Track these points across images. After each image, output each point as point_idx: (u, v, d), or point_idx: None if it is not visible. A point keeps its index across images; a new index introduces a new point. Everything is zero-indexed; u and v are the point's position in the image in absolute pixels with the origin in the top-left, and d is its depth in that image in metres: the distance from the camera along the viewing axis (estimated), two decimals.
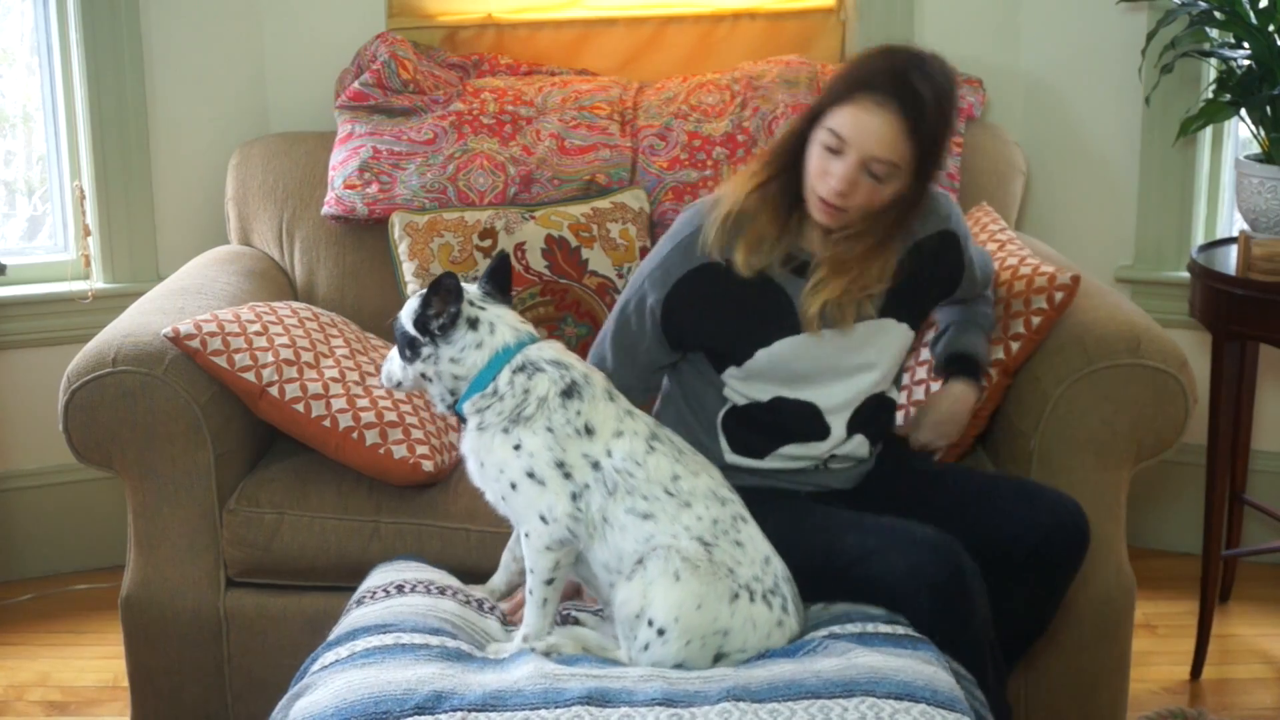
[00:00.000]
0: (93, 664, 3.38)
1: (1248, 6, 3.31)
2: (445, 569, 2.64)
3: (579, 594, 2.56)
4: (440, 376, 2.37)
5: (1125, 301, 3.01)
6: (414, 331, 2.36)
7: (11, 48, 3.81)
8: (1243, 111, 3.38)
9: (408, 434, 2.85)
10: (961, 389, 2.74)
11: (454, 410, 2.39)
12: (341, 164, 3.40)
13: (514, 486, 2.32)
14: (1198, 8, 3.33)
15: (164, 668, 2.90)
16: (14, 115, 3.84)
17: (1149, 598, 3.45)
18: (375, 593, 2.50)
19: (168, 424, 2.81)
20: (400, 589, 2.50)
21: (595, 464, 2.31)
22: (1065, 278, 2.84)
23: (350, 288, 3.42)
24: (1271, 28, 3.29)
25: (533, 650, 2.28)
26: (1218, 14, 3.31)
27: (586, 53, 3.74)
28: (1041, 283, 2.85)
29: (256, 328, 2.92)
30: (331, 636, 2.39)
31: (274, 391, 2.84)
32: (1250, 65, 3.32)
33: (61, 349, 3.46)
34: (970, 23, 3.74)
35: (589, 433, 2.32)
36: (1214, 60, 3.47)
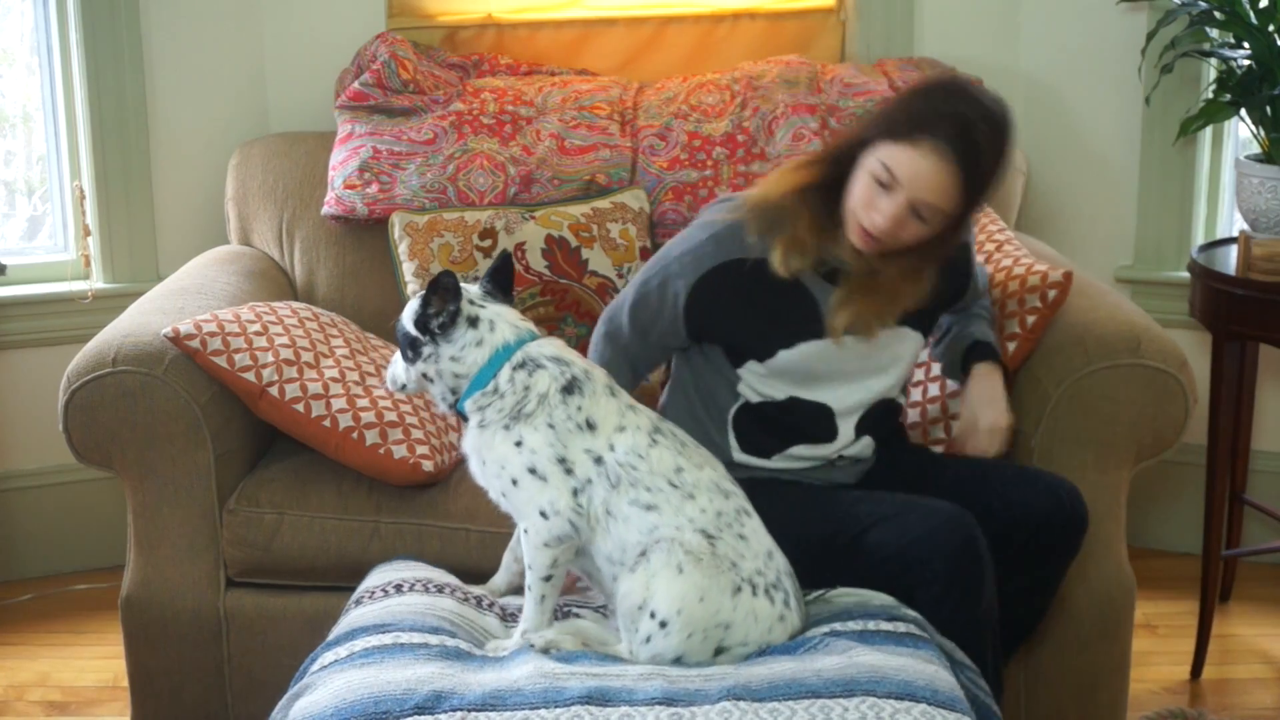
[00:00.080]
0: (93, 664, 3.38)
1: (1248, 6, 3.31)
2: (445, 569, 2.64)
3: (572, 589, 2.56)
4: (441, 375, 2.37)
5: (1125, 301, 3.01)
6: (414, 331, 2.37)
7: (11, 48, 3.80)
8: (1243, 111, 3.38)
9: (408, 434, 2.85)
10: (986, 368, 2.71)
11: (456, 409, 2.39)
12: (341, 164, 3.40)
13: (515, 482, 2.32)
14: (1198, 8, 3.33)
15: (164, 668, 2.90)
16: (14, 115, 3.84)
17: (1149, 598, 3.45)
18: (374, 592, 2.50)
19: (168, 424, 2.81)
20: (399, 588, 2.50)
21: (598, 459, 2.30)
22: (1057, 275, 2.84)
23: (350, 288, 3.42)
24: (1271, 28, 3.29)
25: (531, 647, 2.28)
26: (1218, 14, 3.31)
27: (586, 53, 3.74)
28: (1035, 282, 2.85)
29: (256, 328, 2.91)
30: (330, 637, 2.39)
31: (274, 391, 2.84)
32: (1250, 65, 3.32)
33: (61, 349, 3.46)
34: (970, 23, 3.74)
35: (590, 428, 2.32)
36: (1214, 60, 3.47)
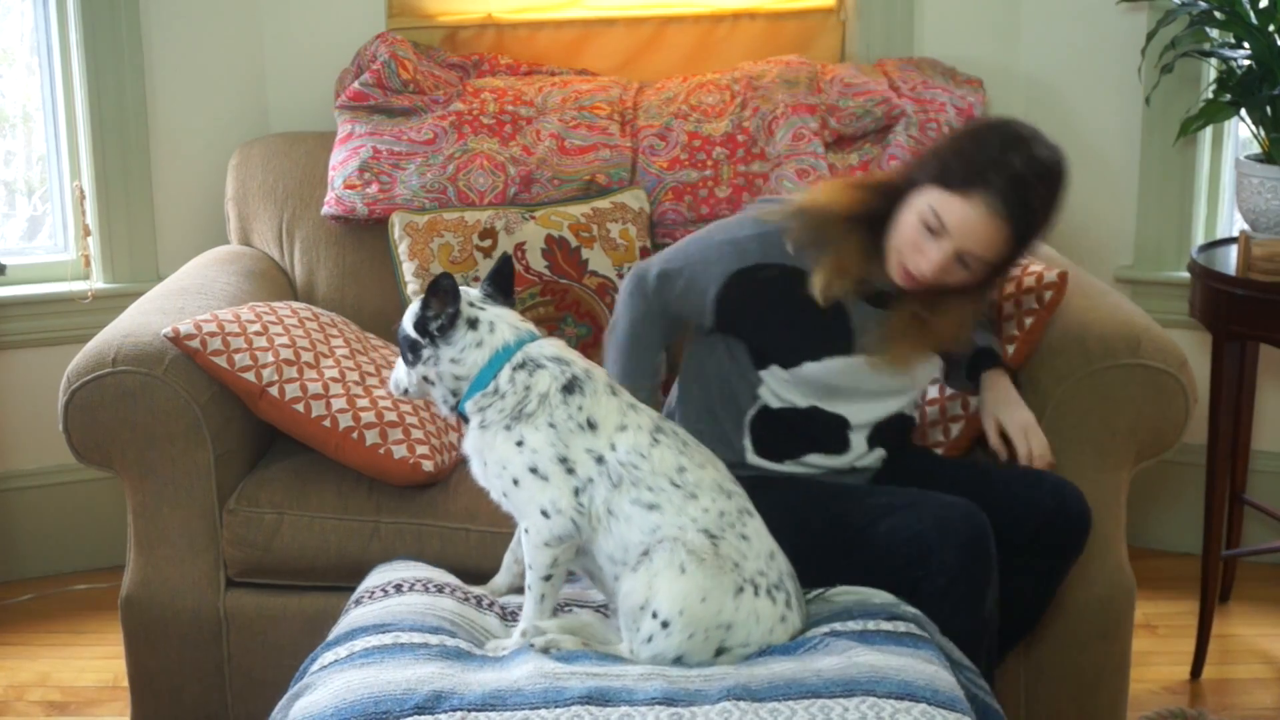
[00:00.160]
0: (93, 664, 3.38)
1: (1248, 6, 3.31)
2: (445, 569, 2.64)
3: None
4: (441, 378, 2.37)
5: (1125, 301, 3.01)
6: (414, 334, 2.37)
7: (11, 48, 3.80)
8: (1243, 111, 3.38)
9: (408, 434, 2.84)
10: (995, 375, 2.72)
11: (457, 411, 2.39)
12: (341, 164, 3.40)
13: (516, 482, 2.32)
14: (1198, 8, 3.33)
15: (164, 668, 2.90)
16: (14, 115, 3.84)
17: (1149, 598, 3.45)
18: (374, 592, 2.50)
19: (168, 424, 2.81)
20: (399, 588, 2.50)
21: (599, 458, 2.30)
22: (1053, 276, 2.84)
23: (350, 288, 3.42)
24: (1271, 28, 3.28)
25: (531, 646, 2.28)
26: (1218, 14, 3.31)
27: (586, 53, 3.74)
28: (1030, 283, 2.86)
29: (256, 328, 2.91)
30: (330, 637, 2.39)
31: (274, 391, 2.84)
32: (1250, 65, 3.32)
33: (61, 349, 3.46)
34: (970, 23, 3.74)
35: (592, 427, 2.32)
36: (1214, 60, 3.47)
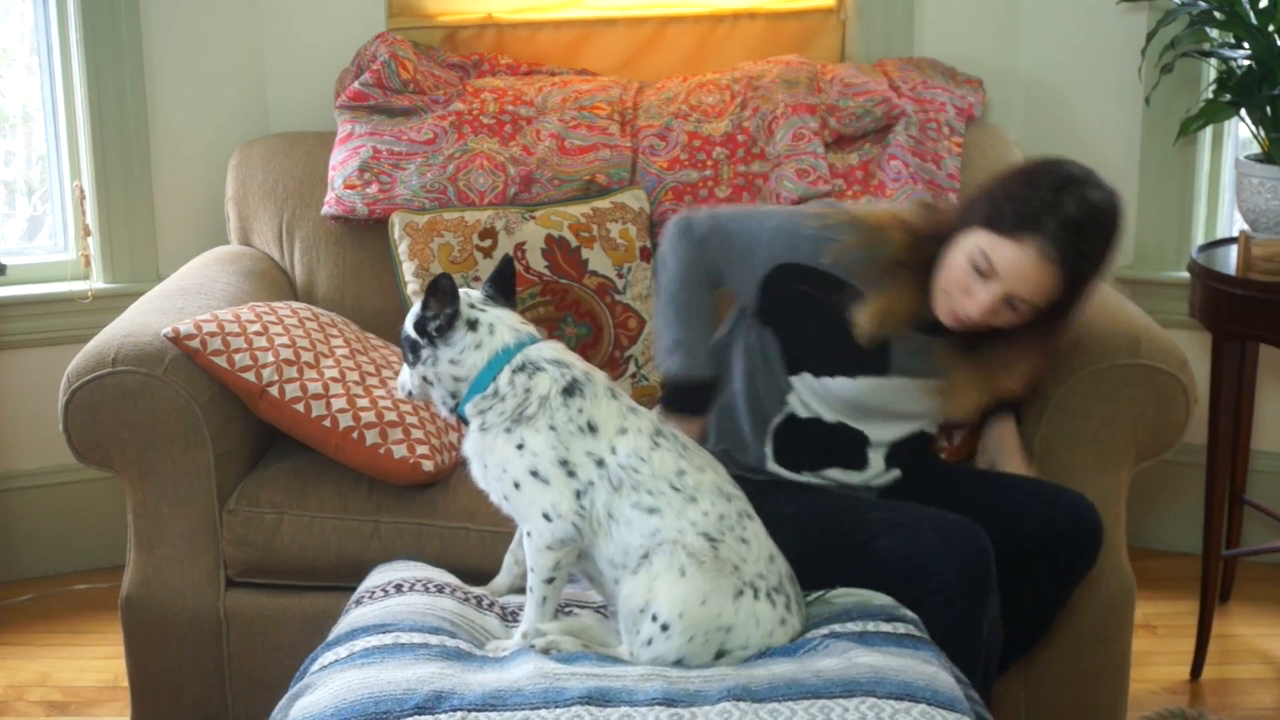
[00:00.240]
0: (93, 664, 3.38)
1: (1248, 6, 3.30)
2: (445, 569, 2.64)
3: None
4: (441, 379, 2.37)
5: (1125, 301, 3.01)
6: (414, 334, 2.37)
7: (11, 48, 3.80)
8: (1243, 111, 3.37)
9: (408, 434, 2.84)
10: (1002, 424, 2.74)
11: (456, 413, 2.39)
12: (341, 164, 3.40)
13: (517, 485, 2.32)
14: (1198, 8, 3.33)
15: (164, 668, 2.90)
16: (14, 115, 3.84)
17: (1149, 598, 3.45)
18: (374, 592, 2.50)
19: (168, 424, 2.81)
20: (399, 588, 2.50)
21: (600, 461, 2.30)
22: None
23: (350, 288, 3.42)
24: (1271, 28, 3.28)
25: (532, 648, 2.28)
26: (1218, 14, 3.31)
27: (586, 53, 3.74)
28: None
29: (256, 328, 2.91)
30: (330, 637, 2.39)
31: (274, 391, 2.84)
32: (1250, 65, 3.32)
33: (61, 349, 3.45)
34: (970, 23, 3.74)
35: (592, 430, 2.32)
36: (1214, 60, 3.47)
